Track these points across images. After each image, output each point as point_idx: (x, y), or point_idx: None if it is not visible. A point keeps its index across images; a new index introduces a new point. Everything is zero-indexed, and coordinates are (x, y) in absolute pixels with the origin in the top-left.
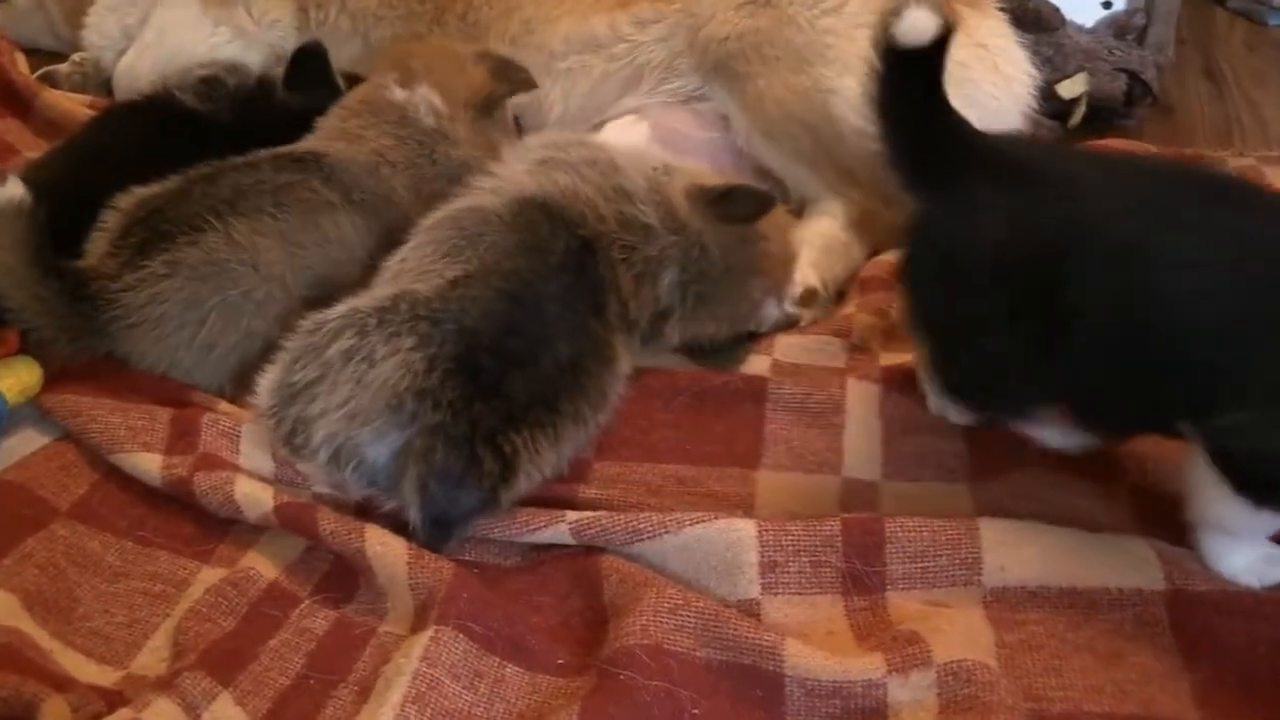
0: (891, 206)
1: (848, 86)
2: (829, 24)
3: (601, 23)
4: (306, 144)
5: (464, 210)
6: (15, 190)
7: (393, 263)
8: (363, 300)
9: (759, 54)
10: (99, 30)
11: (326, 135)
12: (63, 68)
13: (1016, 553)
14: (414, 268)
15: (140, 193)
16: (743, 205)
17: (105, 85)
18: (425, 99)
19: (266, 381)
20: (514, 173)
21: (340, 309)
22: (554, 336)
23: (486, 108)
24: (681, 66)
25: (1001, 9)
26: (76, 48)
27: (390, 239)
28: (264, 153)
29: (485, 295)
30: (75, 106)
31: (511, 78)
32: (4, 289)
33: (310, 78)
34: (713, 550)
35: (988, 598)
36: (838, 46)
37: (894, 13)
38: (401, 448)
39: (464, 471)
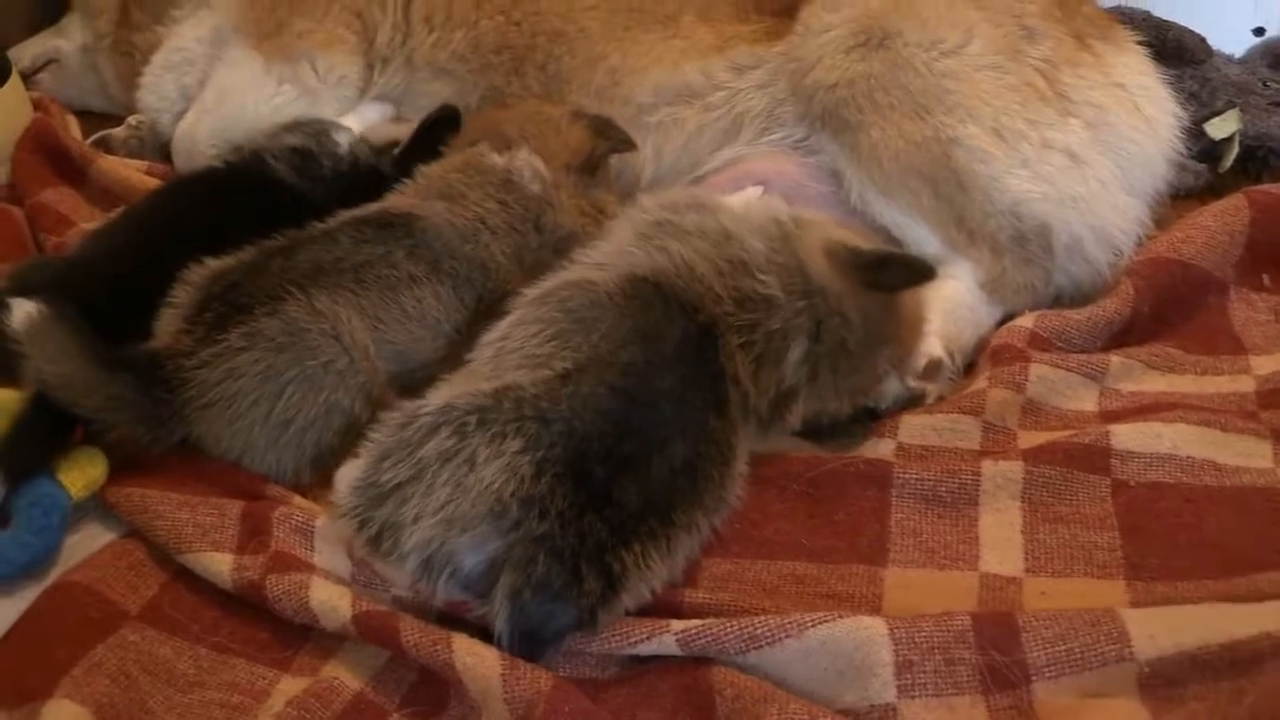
0: (1023, 266)
1: (971, 135)
2: (949, 67)
3: (694, 70)
4: (401, 202)
5: (572, 286)
6: (26, 308)
7: (492, 340)
8: (461, 398)
9: (872, 101)
10: (155, 91)
11: (424, 191)
12: (118, 132)
13: (1164, 618)
14: (517, 350)
15: (213, 265)
16: (898, 275)
17: (163, 150)
18: (528, 163)
19: (349, 477)
20: (622, 242)
21: (434, 403)
22: (669, 437)
23: (589, 168)
24: (784, 115)
25: (1140, 42)
26: (131, 110)
27: (484, 308)
28: (346, 216)
29: (598, 392)
30: (131, 173)
31: (611, 135)
32: (74, 399)
33: (438, 150)
34: (840, 652)
35: (1144, 671)
36: (959, 91)
37: None
38: (499, 555)
39: (563, 587)
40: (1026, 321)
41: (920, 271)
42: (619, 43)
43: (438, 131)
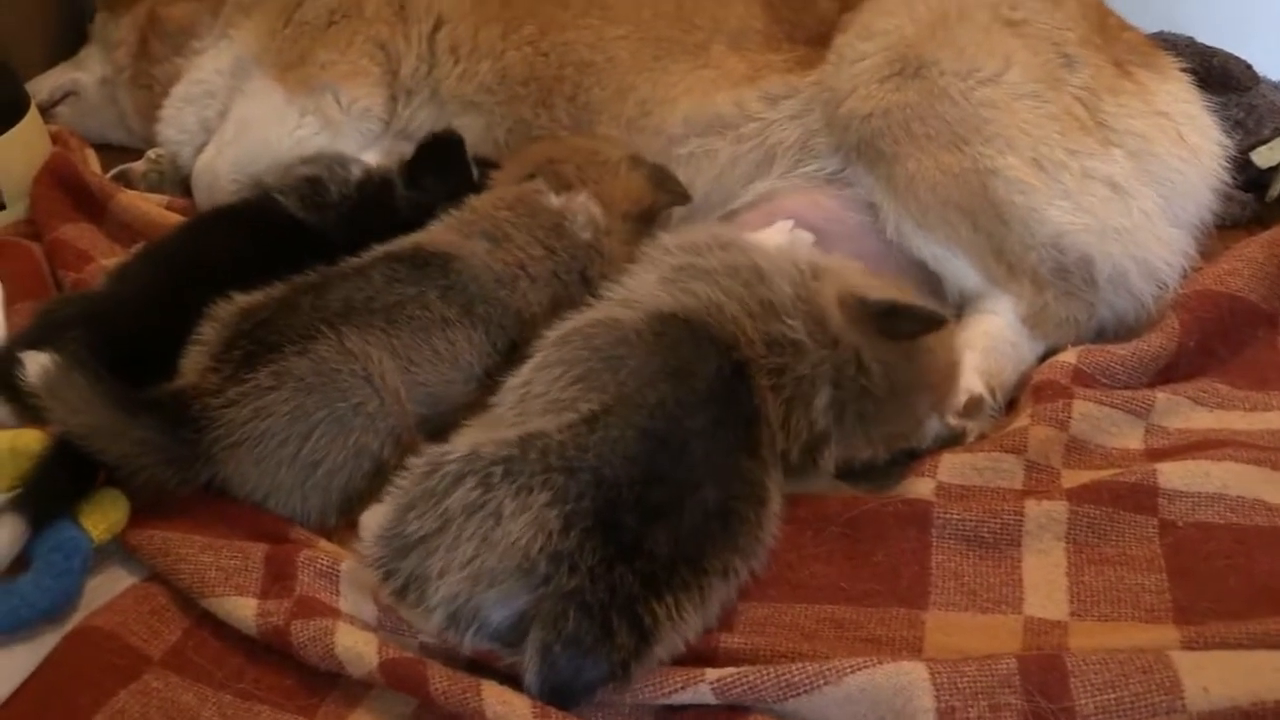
0: (1066, 300)
1: (1010, 165)
2: (986, 95)
3: (726, 101)
4: (441, 237)
5: (597, 325)
6: (39, 361)
7: (515, 385)
8: (486, 445)
9: (908, 132)
10: (176, 124)
11: (468, 226)
12: (138, 166)
13: (1218, 669)
14: (541, 394)
15: (241, 301)
16: (908, 324)
17: (183, 184)
18: (585, 209)
19: (374, 525)
20: (646, 283)
21: (459, 450)
22: (701, 480)
23: (645, 219)
24: (819, 146)
25: (1183, 69)
26: (150, 143)
27: (516, 353)
28: (379, 252)
29: (626, 436)
30: (151, 208)
31: (670, 188)
32: (100, 446)
33: (441, 170)
34: (880, 699)
35: None
36: (997, 120)
37: None
38: (527, 609)
39: (594, 643)
40: (1069, 357)
41: (930, 320)
42: (649, 73)
43: (439, 153)
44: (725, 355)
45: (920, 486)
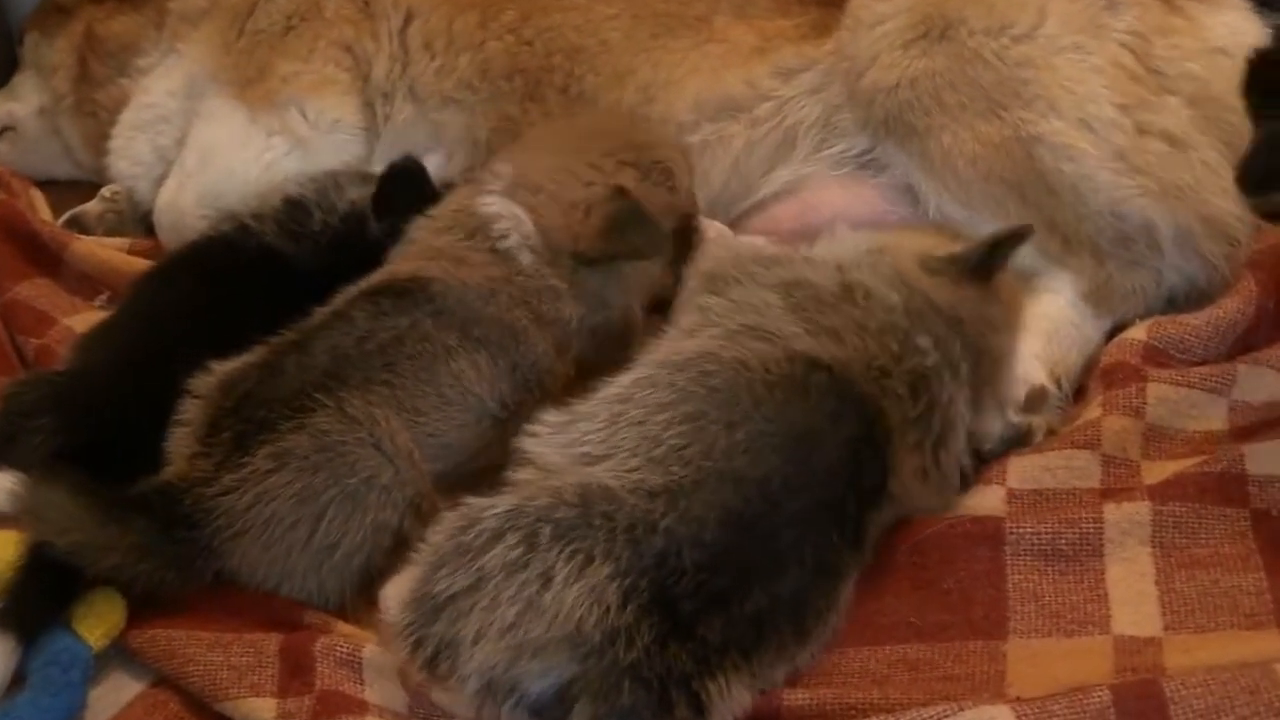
0: (1129, 270)
1: (1055, 130)
2: (1022, 54)
3: (736, 80)
4: (406, 267)
5: (720, 362)
6: (6, 485)
7: (612, 394)
8: (534, 497)
9: (939, 102)
10: (128, 155)
11: (420, 253)
12: (92, 207)
13: None
14: (638, 421)
15: (221, 372)
16: (1001, 253)
17: (145, 221)
18: (518, 224)
19: (399, 590)
20: (774, 310)
21: (501, 504)
22: (780, 570)
23: (590, 263)
24: (843, 124)
25: None
26: (101, 177)
27: (523, 381)
28: (354, 291)
29: (708, 519)
30: (113, 255)
31: (631, 240)
32: (91, 561)
33: (406, 200)
34: None
35: None
36: (1037, 81)
37: None
38: (573, 681)
39: (653, 716)
40: (1139, 333)
41: (1020, 234)
42: (647, 54)
43: (401, 184)
44: (865, 420)
45: (989, 497)
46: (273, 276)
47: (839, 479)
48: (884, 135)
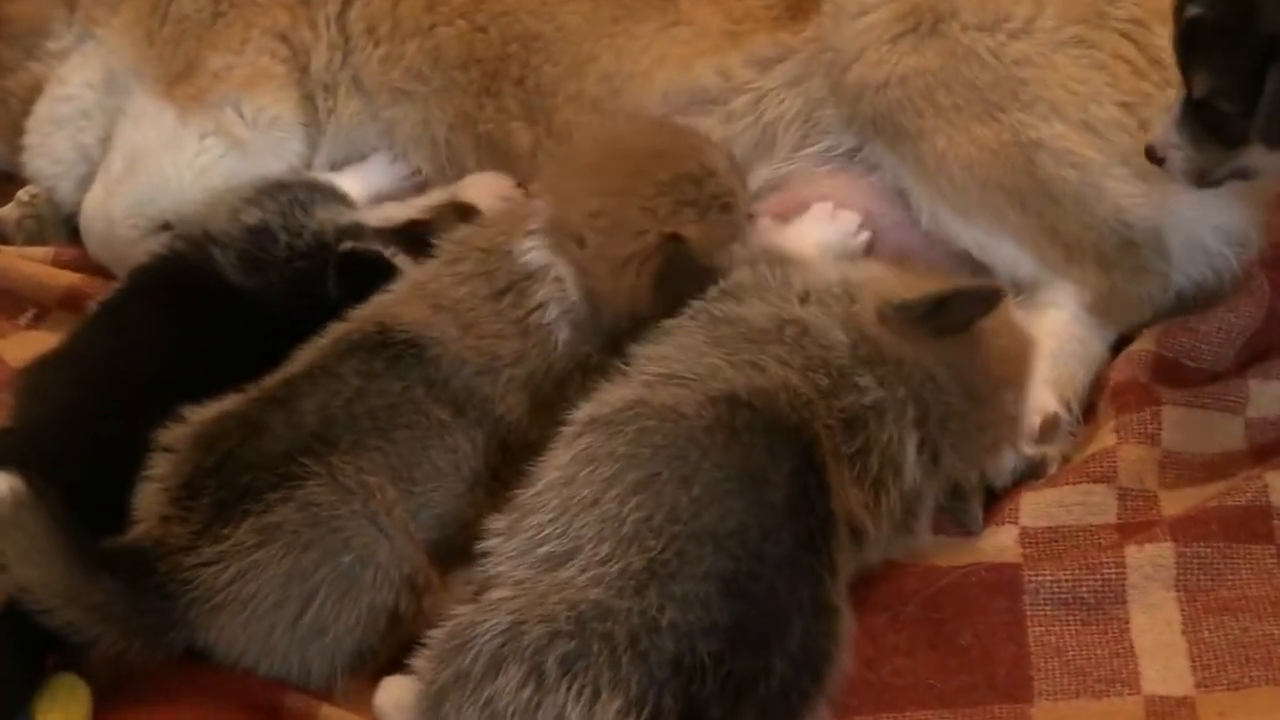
0: (1136, 278)
1: (1057, 135)
2: (1020, 51)
3: (708, 70)
4: (406, 313)
5: (649, 411)
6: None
7: (554, 480)
8: (528, 610)
9: (932, 103)
10: (47, 154)
11: (429, 298)
12: (8, 212)
13: None
14: (590, 503)
15: (198, 422)
16: (962, 313)
17: (68, 225)
18: (561, 291)
19: (396, 711)
20: (694, 345)
21: (495, 619)
22: (786, 624)
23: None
24: (826, 120)
25: None
26: (13, 169)
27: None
28: (342, 336)
29: (707, 596)
30: (38, 269)
31: (682, 294)
32: (49, 604)
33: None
34: None
35: None
36: (1036, 80)
37: None
38: None
39: None
40: (1147, 343)
41: (982, 298)
42: (610, 39)
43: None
44: (800, 449)
45: (1002, 537)
46: (237, 312)
47: (797, 513)
48: (872, 135)
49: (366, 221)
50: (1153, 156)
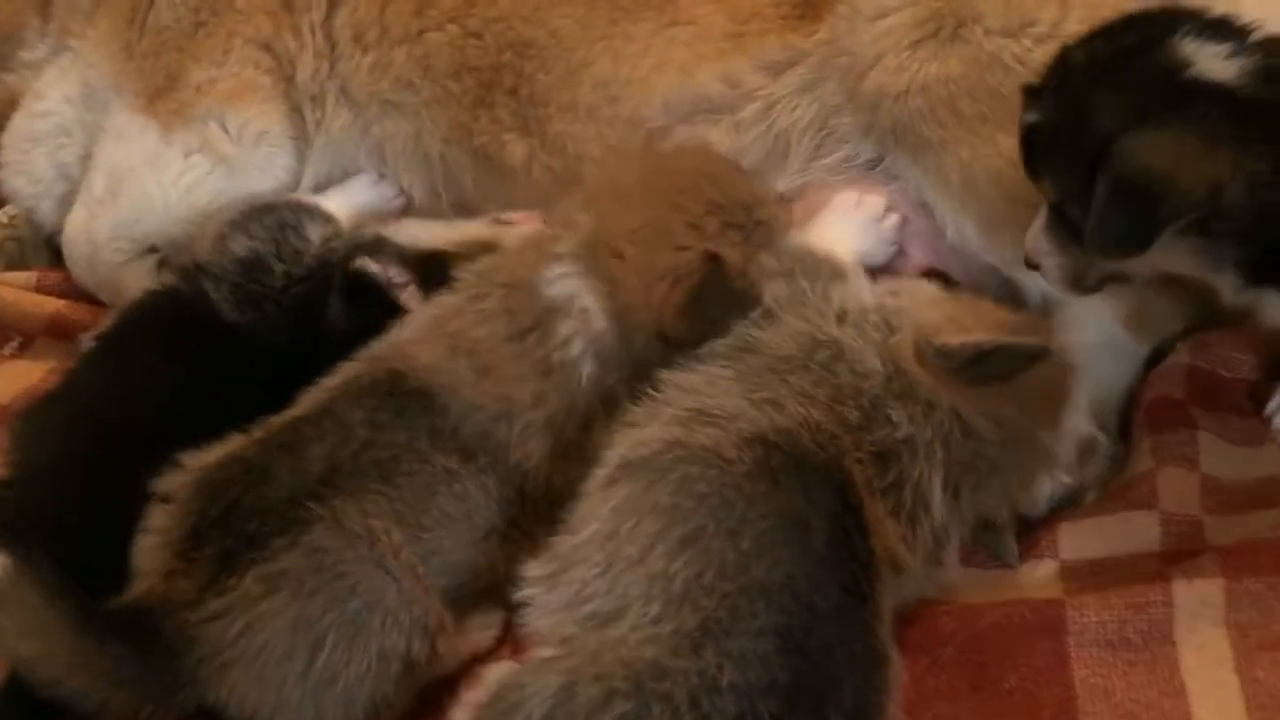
0: (1165, 290)
1: None
2: (1046, 57)
3: (712, 76)
4: (418, 355)
5: (686, 455)
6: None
7: (596, 533)
8: (580, 672)
9: (955, 112)
10: (25, 173)
11: (446, 338)
12: None
13: None
14: (636, 560)
15: (198, 469)
16: (1003, 366)
17: (50, 245)
18: (586, 324)
19: None
20: (717, 378)
21: (546, 680)
22: (839, 679)
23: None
24: (843, 129)
25: None
26: None
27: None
28: (352, 379)
29: (765, 653)
30: (21, 295)
31: (715, 318)
32: (54, 678)
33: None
34: None
35: None
36: None
37: None
38: None
39: None
40: (1182, 357)
41: (1028, 354)
42: (606, 43)
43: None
44: (835, 489)
45: (1041, 573)
46: (238, 346)
47: (843, 558)
48: (893, 145)
49: (393, 238)
50: (1030, 264)
